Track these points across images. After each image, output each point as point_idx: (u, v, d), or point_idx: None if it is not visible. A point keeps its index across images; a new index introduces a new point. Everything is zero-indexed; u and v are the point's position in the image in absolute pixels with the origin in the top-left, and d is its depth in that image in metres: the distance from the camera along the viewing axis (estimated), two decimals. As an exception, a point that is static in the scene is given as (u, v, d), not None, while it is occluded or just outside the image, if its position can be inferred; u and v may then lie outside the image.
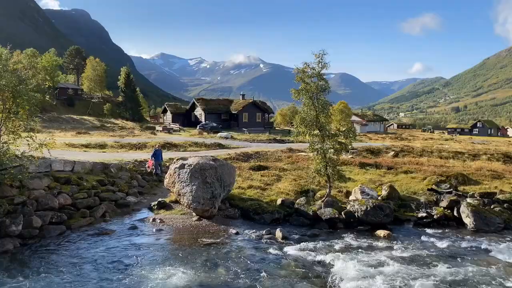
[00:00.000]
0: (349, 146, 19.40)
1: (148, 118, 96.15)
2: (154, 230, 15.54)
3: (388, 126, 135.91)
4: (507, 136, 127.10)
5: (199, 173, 17.63)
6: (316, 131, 18.27)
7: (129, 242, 14.08)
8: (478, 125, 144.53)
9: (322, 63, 17.93)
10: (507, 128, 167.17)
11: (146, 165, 23.61)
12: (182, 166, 18.16)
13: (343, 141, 18.69)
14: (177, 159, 19.31)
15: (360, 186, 20.13)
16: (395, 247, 14.46)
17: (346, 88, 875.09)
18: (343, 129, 18.90)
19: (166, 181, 18.94)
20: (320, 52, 17.82)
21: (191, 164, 18.00)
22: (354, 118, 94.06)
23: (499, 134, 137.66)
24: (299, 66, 18.19)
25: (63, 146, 28.44)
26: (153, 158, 23.15)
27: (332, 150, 18.54)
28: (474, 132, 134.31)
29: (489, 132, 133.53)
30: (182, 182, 17.83)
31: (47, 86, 69.36)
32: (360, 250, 14.10)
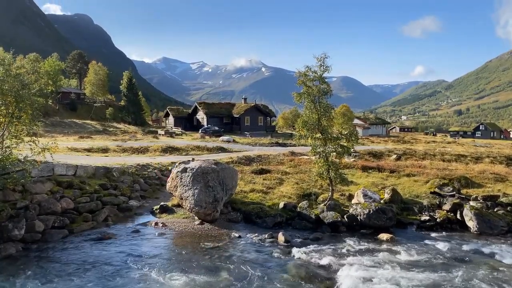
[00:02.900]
0: (351, 150, 19.35)
1: (150, 122, 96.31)
2: (156, 234, 15.53)
3: (390, 130, 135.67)
4: (510, 139, 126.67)
5: (201, 177, 17.61)
6: (318, 135, 18.25)
7: (131, 246, 14.08)
8: (480, 128, 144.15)
9: (324, 67, 17.92)
10: (510, 131, 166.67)
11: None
12: (184, 170, 18.15)
13: (345, 144, 18.65)
14: (179, 163, 19.30)
15: (363, 190, 20.09)
16: (398, 251, 14.40)
17: (348, 91, 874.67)
18: (345, 132, 18.84)
19: (168, 185, 18.93)
20: (322, 55, 17.84)
21: (193, 168, 17.99)
22: (356, 121, 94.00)
23: (502, 137, 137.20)
24: (301, 70, 18.21)
25: (65, 151, 28.47)
26: None
27: (334, 153, 18.51)
28: (476, 135, 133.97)
29: (491, 135, 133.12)
30: (184, 186, 17.82)
31: (49, 90, 69.54)
32: (363, 253, 14.05)
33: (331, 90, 18.18)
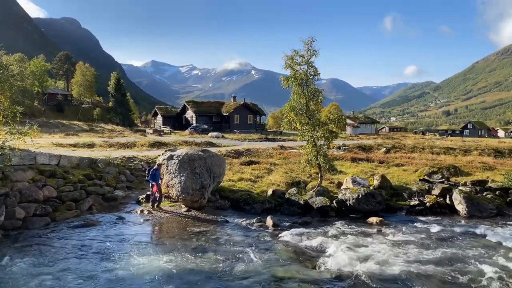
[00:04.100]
0: (339, 134, 19.13)
1: (139, 124, 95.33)
2: (141, 220, 15.16)
3: (380, 129, 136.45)
4: (498, 137, 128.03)
5: (187, 164, 17.26)
6: (306, 119, 18.00)
7: (116, 232, 13.68)
8: (468, 126, 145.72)
9: (311, 50, 17.69)
10: (497, 129, 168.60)
11: (155, 195, 17.01)
12: (170, 157, 17.79)
13: (334, 129, 18.44)
14: (166, 151, 18.94)
15: (352, 176, 19.93)
16: (387, 232, 14.23)
17: (337, 93, 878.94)
18: (333, 117, 18.62)
19: (154, 173, 18.52)
20: (309, 38, 17.60)
21: (179, 155, 17.63)
22: (346, 120, 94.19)
23: (491, 135, 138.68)
24: (288, 54, 17.92)
25: (50, 146, 27.90)
26: (151, 181, 16.90)
27: (323, 138, 18.27)
28: (465, 134, 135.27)
29: (479, 133, 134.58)
30: (170, 173, 17.45)
31: (35, 91, 68.44)
32: (352, 235, 13.84)
33: (318, 74, 17.94)
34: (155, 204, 16.82)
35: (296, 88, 17.82)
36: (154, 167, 17.38)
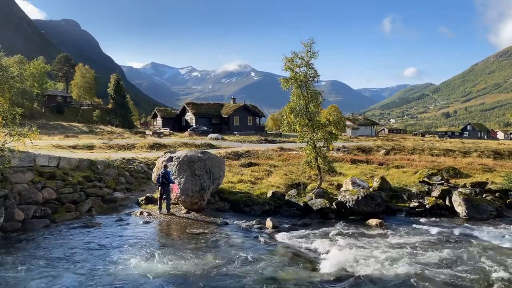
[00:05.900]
0: (339, 136, 19.14)
1: (138, 126, 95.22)
2: (141, 222, 15.16)
3: (379, 131, 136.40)
4: (497, 139, 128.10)
5: (187, 166, 17.25)
6: (306, 121, 18.00)
7: (115, 234, 13.68)
8: (468, 128, 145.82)
9: (311, 52, 17.69)
10: (497, 131, 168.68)
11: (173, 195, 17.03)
12: (170, 159, 17.77)
13: (333, 131, 18.43)
14: (165, 152, 18.94)
15: (352, 178, 19.91)
16: (387, 234, 14.23)
17: (337, 95, 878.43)
18: (332, 119, 18.61)
19: (153, 175, 18.55)
20: (308, 40, 17.62)
21: (179, 157, 17.62)
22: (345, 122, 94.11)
23: (490, 137, 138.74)
24: (288, 56, 17.94)
25: (49, 147, 27.89)
26: (160, 187, 16.53)
27: (322, 140, 18.27)
28: (464, 135, 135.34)
29: (479, 135, 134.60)
30: (170, 175, 17.42)
31: (35, 93, 68.42)
32: (351, 237, 13.85)
33: (318, 75, 17.94)
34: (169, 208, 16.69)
35: (295, 90, 17.84)
36: (167, 169, 16.76)
